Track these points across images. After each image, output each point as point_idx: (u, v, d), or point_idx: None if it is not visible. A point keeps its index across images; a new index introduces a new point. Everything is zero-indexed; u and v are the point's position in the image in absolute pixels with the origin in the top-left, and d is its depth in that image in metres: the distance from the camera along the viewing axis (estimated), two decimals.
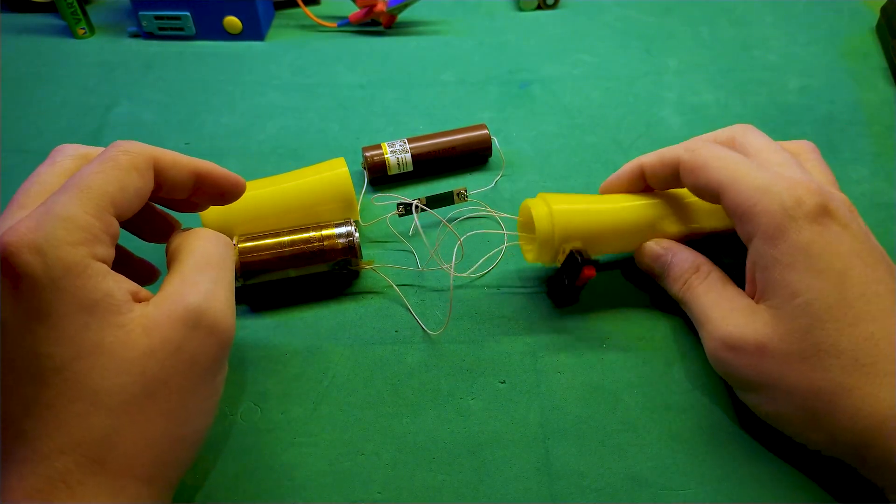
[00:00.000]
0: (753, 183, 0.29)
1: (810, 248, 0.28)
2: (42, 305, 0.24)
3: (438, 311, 0.37)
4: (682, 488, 0.30)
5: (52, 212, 0.25)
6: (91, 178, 0.26)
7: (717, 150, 0.32)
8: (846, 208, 0.29)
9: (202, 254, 0.29)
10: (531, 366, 0.35)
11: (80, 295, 0.25)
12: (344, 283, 0.38)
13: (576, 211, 0.35)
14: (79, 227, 0.25)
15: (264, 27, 0.57)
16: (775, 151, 0.32)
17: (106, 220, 0.26)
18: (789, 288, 0.28)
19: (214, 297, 0.27)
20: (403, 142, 0.43)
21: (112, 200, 0.26)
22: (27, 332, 0.24)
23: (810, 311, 0.28)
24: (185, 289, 0.27)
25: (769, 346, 0.29)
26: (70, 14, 0.56)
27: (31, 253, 0.24)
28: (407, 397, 0.33)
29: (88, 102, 0.51)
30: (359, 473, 0.31)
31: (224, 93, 0.52)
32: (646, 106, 0.50)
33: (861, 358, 0.27)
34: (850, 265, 0.28)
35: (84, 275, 0.25)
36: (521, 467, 0.31)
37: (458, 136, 0.44)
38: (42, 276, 0.24)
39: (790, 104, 0.50)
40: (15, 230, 0.24)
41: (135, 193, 0.27)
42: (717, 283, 0.33)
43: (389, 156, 0.43)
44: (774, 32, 0.57)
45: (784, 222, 0.28)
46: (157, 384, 0.25)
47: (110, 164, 0.27)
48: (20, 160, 0.47)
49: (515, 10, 0.61)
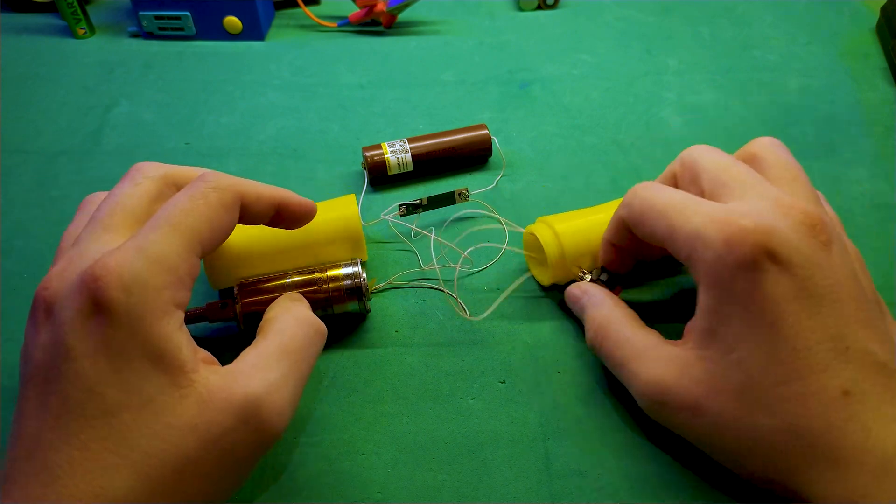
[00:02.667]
0: (687, 229, 0.27)
1: (745, 299, 0.26)
2: (113, 344, 0.24)
3: (439, 312, 0.37)
4: (682, 488, 0.30)
5: (144, 250, 0.25)
6: (182, 217, 0.26)
7: (650, 197, 0.30)
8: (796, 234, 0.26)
9: (289, 338, 0.28)
10: (531, 366, 0.35)
11: (153, 342, 0.24)
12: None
13: (578, 227, 0.36)
14: (167, 270, 0.25)
15: (264, 27, 0.57)
16: (725, 169, 0.29)
17: (192, 262, 0.26)
18: (725, 342, 0.26)
19: (278, 392, 0.26)
20: (403, 142, 0.43)
21: (201, 240, 0.26)
22: (91, 366, 0.24)
23: (744, 368, 0.26)
24: (254, 373, 0.26)
25: (703, 405, 0.27)
26: (70, 14, 0.56)
27: (118, 290, 0.24)
28: (407, 397, 0.33)
29: (88, 102, 0.51)
30: (359, 473, 0.31)
31: (224, 93, 0.52)
32: (646, 106, 0.50)
33: (791, 420, 0.25)
34: (784, 314, 0.25)
35: (163, 322, 0.25)
36: (521, 467, 0.31)
37: (458, 137, 0.44)
38: (123, 315, 0.24)
39: (790, 104, 0.50)
40: (106, 263, 0.24)
41: (222, 231, 0.27)
42: (639, 331, 0.31)
43: (389, 156, 0.43)
44: (774, 32, 0.57)
45: (718, 271, 0.26)
46: (187, 463, 0.24)
47: (201, 202, 0.27)
48: (20, 160, 0.47)
49: (515, 10, 0.61)
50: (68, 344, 0.24)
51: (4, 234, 0.42)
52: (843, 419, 0.25)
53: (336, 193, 0.44)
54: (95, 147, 0.48)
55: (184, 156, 0.47)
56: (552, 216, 0.37)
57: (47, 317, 0.25)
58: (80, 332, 0.24)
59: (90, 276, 0.24)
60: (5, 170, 0.46)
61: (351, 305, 0.34)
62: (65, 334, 0.24)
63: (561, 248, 0.35)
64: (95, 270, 0.24)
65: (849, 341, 0.25)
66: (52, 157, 0.47)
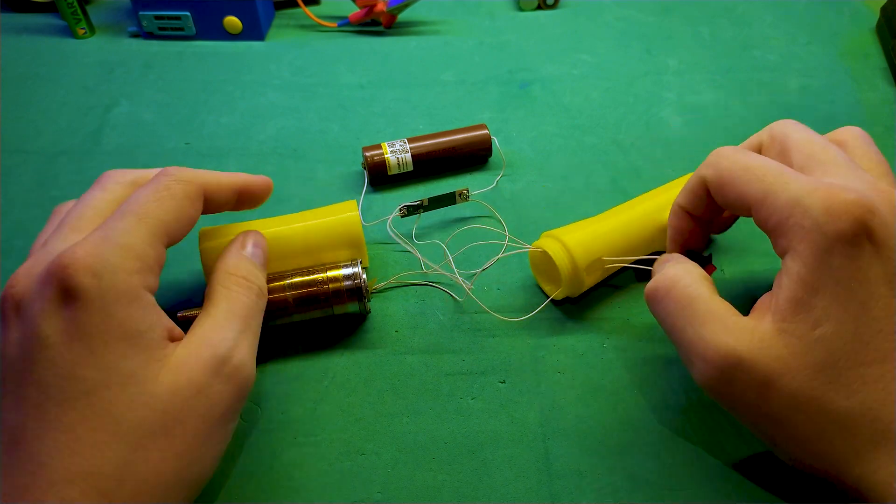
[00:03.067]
0: (785, 195, 0.26)
1: (840, 272, 0.25)
2: (88, 328, 0.24)
3: (438, 311, 0.37)
4: (682, 488, 0.30)
5: (111, 238, 0.25)
6: (147, 207, 0.27)
7: (743, 161, 0.28)
8: (892, 218, 0.26)
9: (236, 302, 0.29)
10: (531, 366, 0.35)
11: (127, 324, 0.25)
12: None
13: (586, 236, 0.35)
14: (136, 256, 0.26)
15: (264, 27, 0.57)
16: (821, 147, 0.28)
17: (158, 250, 0.27)
18: (812, 314, 0.25)
19: (239, 347, 0.28)
20: (403, 142, 0.43)
21: (167, 230, 0.27)
22: (66, 352, 0.24)
23: (827, 346, 0.25)
24: (215, 335, 0.28)
25: (777, 383, 0.25)
26: (70, 14, 0.56)
27: (88, 275, 0.24)
28: (407, 397, 0.33)
29: (88, 102, 0.51)
30: (359, 473, 0.31)
31: (224, 93, 0.52)
32: (646, 106, 0.50)
33: (868, 402, 0.25)
34: (874, 294, 0.25)
35: (134, 304, 0.25)
36: (521, 467, 0.31)
37: (458, 136, 0.44)
38: (95, 299, 0.24)
39: (790, 104, 0.50)
40: (73, 252, 0.25)
41: (187, 221, 0.29)
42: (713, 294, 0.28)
43: (389, 156, 0.43)
44: (774, 32, 0.57)
45: (816, 240, 0.25)
46: (175, 423, 0.25)
47: (165, 194, 0.28)
48: (20, 160, 0.47)
49: (515, 10, 0.61)
50: (41, 334, 0.24)
51: (4, 234, 0.42)
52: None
53: (336, 193, 0.44)
54: (95, 147, 0.48)
55: (184, 156, 0.47)
56: (559, 229, 0.36)
57: (17, 313, 0.26)
58: (52, 320, 0.24)
59: (57, 265, 0.24)
60: (5, 170, 0.46)
61: (351, 306, 0.34)
62: (37, 325, 0.24)
63: (573, 262, 0.34)
64: (63, 260, 0.24)
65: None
66: (52, 157, 0.47)
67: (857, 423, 0.25)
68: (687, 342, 0.28)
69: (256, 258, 0.32)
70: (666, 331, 0.29)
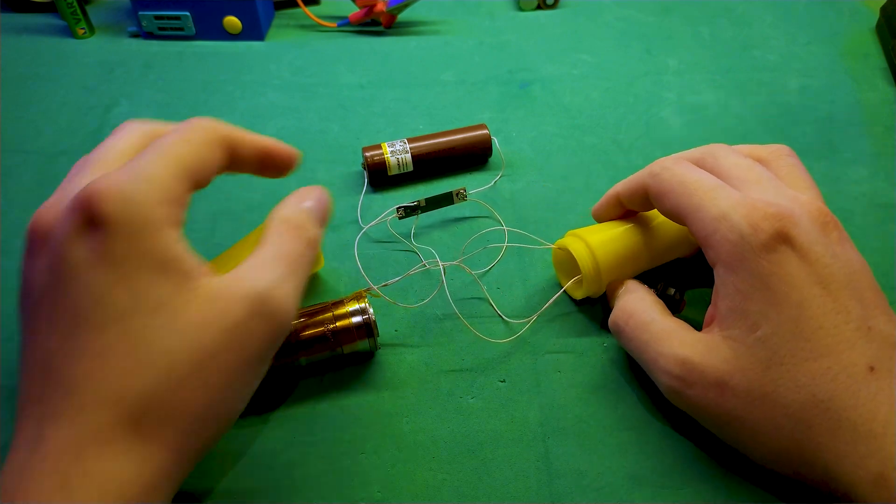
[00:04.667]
0: (712, 211, 0.29)
1: (768, 279, 0.27)
2: (116, 254, 0.24)
3: (438, 311, 0.37)
4: (682, 488, 0.30)
5: (137, 171, 0.25)
6: (173, 147, 0.27)
7: (681, 174, 0.31)
8: (813, 226, 0.28)
9: (284, 246, 0.29)
10: (531, 365, 0.35)
11: (155, 252, 0.25)
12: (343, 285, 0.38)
13: (611, 238, 0.35)
14: (162, 188, 0.25)
15: (264, 27, 0.57)
16: (747, 169, 0.31)
17: (184, 187, 0.27)
18: (749, 319, 0.27)
19: (281, 288, 0.27)
20: (403, 142, 0.43)
21: (192, 171, 0.27)
22: (96, 277, 0.24)
23: (769, 345, 0.27)
24: (256, 273, 0.27)
25: (730, 383, 0.28)
26: (70, 14, 0.56)
27: (117, 202, 0.24)
28: (407, 397, 0.33)
29: (88, 102, 0.51)
30: (359, 473, 0.31)
31: (224, 93, 0.52)
32: (646, 106, 0.50)
33: (819, 394, 0.26)
34: (808, 295, 0.27)
35: (162, 233, 0.25)
36: (521, 466, 0.31)
37: (458, 137, 0.44)
38: (123, 226, 0.24)
39: (790, 104, 0.50)
40: (99, 182, 0.25)
41: (209, 168, 0.28)
42: (666, 316, 0.32)
43: (389, 156, 0.43)
44: (774, 32, 0.57)
45: (742, 251, 0.27)
46: (207, 357, 0.25)
47: (191, 136, 0.28)
48: (20, 160, 0.47)
49: (515, 10, 0.61)
50: (70, 259, 0.24)
51: (4, 234, 0.42)
52: (872, 393, 0.26)
53: (336, 193, 0.44)
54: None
55: None
56: (583, 229, 0.36)
57: (44, 242, 0.26)
58: (79, 246, 0.24)
59: (84, 194, 0.25)
60: (5, 170, 0.46)
61: (361, 345, 0.34)
62: (65, 252, 0.25)
63: (595, 262, 0.34)
64: (89, 189, 0.24)
65: (871, 322, 0.27)
66: (52, 157, 0.47)
67: (810, 415, 0.26)
68: (650, 360, 0.31)
69: (314, 212, 0.31)
70: (633, 354, 0.32)
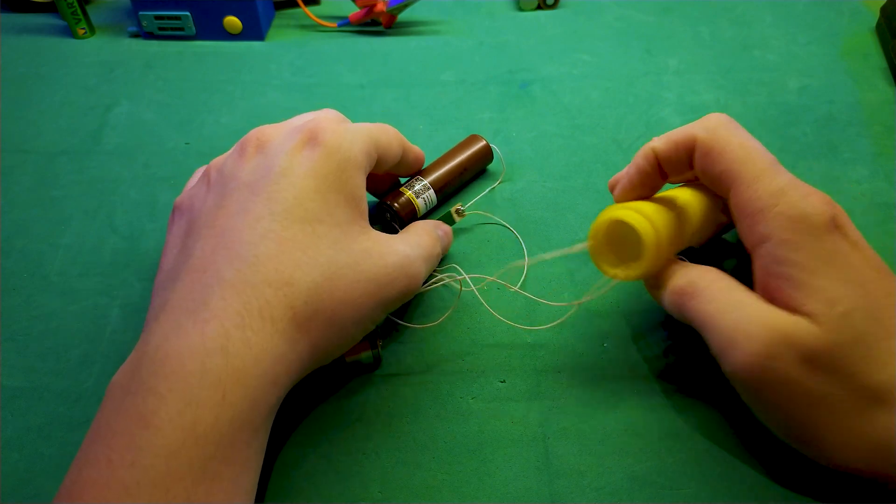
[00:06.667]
0: (775, 183, 0.27)
1: (833, 257, 0.26)
2: (322, 170, 0.29)
3: (438, 311, 0.37)
4: (682, 488, 0.30)
5: (349, 126, 0.31)
6: (371, 127, 0.33)
7: (740, 137, 0.29)
8: (848, 220, 0.28)
9: (424, 241, 0.34)
10: (531, 366, 0.35)
11: (349, 184, 0.30)
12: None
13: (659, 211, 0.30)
14: (364, 144, 0.31)
15: (264, 27, 0.57)
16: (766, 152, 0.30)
17: (374, 158, 0.32)
18: (825, 294, 0.26)
19: (419, 262, 0.32)
20: (419, 180, 0.41)
21: (380, 149, 0.33)
22: (301, 182, 0.28)
23: (851, 322, 0.26)
24: (404, 246, 0.32)
25: (820, 358, 0.26)
26: (70, 14, 0.56)
27: (334, 136, 0.30)
28: (407, 397, 0.33)
29: (88, 102, 0.51)
30: (358, 473, 0.31)
31: (224, 93, 0.52)
32: (646, 106, 0.50)
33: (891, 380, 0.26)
34: (868, 278, 0.27)
35: (358, 174, 0.30)
36: (521, 466, 0.31)
37: (464, 156, 0.43)
38: (334, 151, 0.29)
39: (790, 104, 0.50)
40: (323, 121, 0.31)
41: (392, 155, 0.34)
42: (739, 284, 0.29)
43: (417, 199, 0.40)
44: (774, 32, 0.57)
45: (805, 228, 0.27)
46: (359, 280, 0.29)
47: (383, 127, 0.34)
48: (20, 160, 0.47)
49: (515, 10, 0.61)
50: (284, 164, 0.29)
51: (4, 234, 0.42)
52: None
53: None
54: (95, 147, 0.48)
55: (184, 156, 0.47)
56: (627, 204, 0.31)
57: (260, 149, 0.30)
58: (295, 156, 0.29)
59: (311, 125, 0.30)
60: (5, 170, 0.46)
61: (364, 355, 0.34)
62: (281, 157, 0.29)
63: (657, 236, 0.29)
64: (314, 122, 0.30)
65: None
66: (52, 157, 0.47)
67: (893, 397, 0.26)
68: (729, 326, 0.27)
69: (443, 237, 0.37)
70: (698, 323, 0.29)
